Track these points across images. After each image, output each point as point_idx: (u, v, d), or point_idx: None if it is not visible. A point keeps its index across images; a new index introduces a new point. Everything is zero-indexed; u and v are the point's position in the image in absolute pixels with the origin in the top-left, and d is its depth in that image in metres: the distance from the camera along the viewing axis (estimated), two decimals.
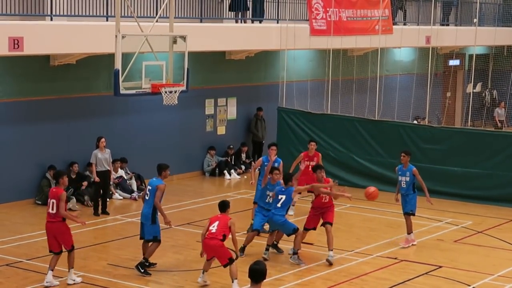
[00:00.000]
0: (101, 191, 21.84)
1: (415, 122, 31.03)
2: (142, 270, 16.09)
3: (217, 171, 27.32)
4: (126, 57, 17.72)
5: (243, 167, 28.16)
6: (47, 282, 15.27)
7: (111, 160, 22.22)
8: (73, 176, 22.92)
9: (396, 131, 25.50)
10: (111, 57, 17.79)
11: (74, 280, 15.54)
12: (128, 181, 23.98)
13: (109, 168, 22.06)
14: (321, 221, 17.55)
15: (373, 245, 18.90)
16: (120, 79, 17.45)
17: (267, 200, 17.77)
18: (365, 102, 29.62)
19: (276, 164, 18.99)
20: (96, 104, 23.74)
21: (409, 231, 18.86)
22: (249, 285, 9.34)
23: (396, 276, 16.72)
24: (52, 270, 15.30)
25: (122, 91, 17.69)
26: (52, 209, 15.13)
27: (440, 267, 17.37)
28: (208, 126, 27.88)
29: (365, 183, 24.75)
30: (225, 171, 27.31)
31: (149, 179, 24.28)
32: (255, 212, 18.31)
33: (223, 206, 15.61)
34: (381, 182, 24.24)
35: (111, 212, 21.90)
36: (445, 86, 38.91)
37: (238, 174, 27.62)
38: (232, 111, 28.63)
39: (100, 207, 21.77)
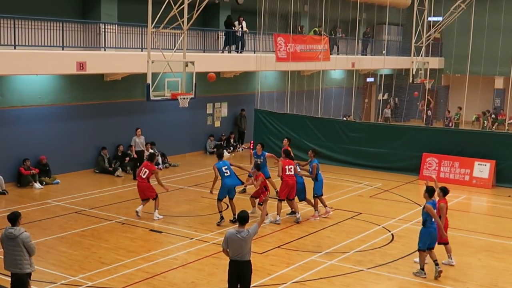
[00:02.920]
0: (138, 163, 21.74)
1: (344, 118, 31.12)
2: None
3: (214, 151, 27.21)
4: (154, 75, 17.68)
5: (231, 148, 28.12)
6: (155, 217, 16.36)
7: (144, 143, 22.12)
8: (119, 154, 22.83)
9: (332, 124, 25.53)
10: (144, 75, 17.73)
11: (158, 217, 16.22)
12: (156, 157, 23.88)
13: (143, 149, 21.96)
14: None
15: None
16: (151, 90, 17.43)
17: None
18: (311, 106, 29.66)
19: (262, 157, 18.61)
20: (134, 106, 23.62)
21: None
22: (237, 226, 9.92)
23: (332, 219, 16.82)
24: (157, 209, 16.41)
25: (152, 98, 17.66)
26: (144, 175, 16.21)
27: (360, 213, 17.50)
28: (208, 121, 27.78)
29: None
30: (224, 151, 27.18)
31: (170, 156, 24.52)
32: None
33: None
34: (321, 157, 24.21)
35: None
36: (364, 95, 39.06)
37: (228, 152, 27.55)
38: (224, 111, 28.53)
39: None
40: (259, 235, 15.10)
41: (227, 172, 16.10)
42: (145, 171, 16.29)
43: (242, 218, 10.00)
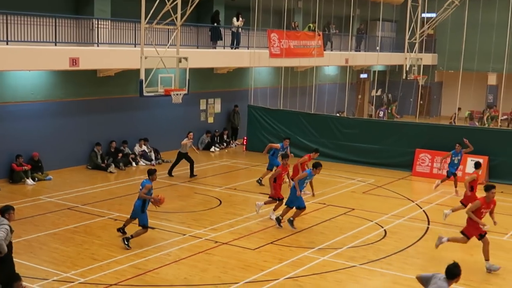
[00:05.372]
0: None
1: (337, 114, 31.10)
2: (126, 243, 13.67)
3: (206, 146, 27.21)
4: (147, 71, 17.64)
5: (224, 144, 28.05)
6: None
7: (191, 146, 21.59)
8: (112, 150, 22.73)
9: (325, 120, 25.53)
10: (137, 71, 17.69)
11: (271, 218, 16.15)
12: (149, 153, 23.82)
13: (186, 151, 21.40)
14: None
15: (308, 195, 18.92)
16: (144, 86, 17.40)
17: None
18: (305, 102, 29.64)
19: (285, 149, 19.84)
20: (128, 102, 23.52)
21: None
22: (445, 279, 8.59)
23: (325, 215, 16.82)
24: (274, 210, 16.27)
25: (145, 94, 17.66)
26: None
27: (353, 209, 17.50)
28: (202, 117, 27.73)
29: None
30: (212, 147, 27.18)
31: (163, 152, 24.44)
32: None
33: None
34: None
35: (137, 174, 21.72)
36: (357, 91, 39.06)
37: (221, 149, 27.49)
38: (217, 107, 28.47)
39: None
40: (252, 231, 15.12)
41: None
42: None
43: (450, 272, 8.56)
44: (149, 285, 11.64)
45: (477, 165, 17.04)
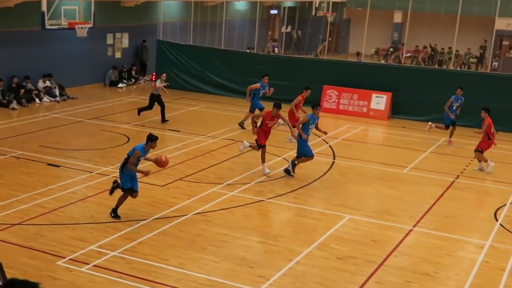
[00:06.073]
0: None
1: (248, 51, 31.00)
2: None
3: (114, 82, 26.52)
4: (50, 3, 16.85)
5: (133, 80, 27.43)
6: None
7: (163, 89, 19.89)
8: (14, 86, 21.75)
9: (235, 56, 25.42)
10: (39, 2, 16.86)
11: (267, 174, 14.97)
12: (53, 89, 22.96)
13: (159, 93, 19.70)
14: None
15: (219, 131, 18.96)
16: (46, 18, 16.71)
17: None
18: (215, 37, 29.32)
19: (265, 88, 19.51)
20: (30, 35, 22.36)
21: None
22: None
23: (234, 151, 16.78)
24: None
25: (48, 27, 17.03)
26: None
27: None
28: (109, 52, 26.88)
29: (214, 90, 24.88)
30: (120, 83, 26.50)
31: (68, 88, 23.65)
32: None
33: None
34: (223, 89, 24.33)
35: (40, 111, 20.96)
36: (267, 27, 38.99)
37: (129, 85, 26.84)
38: (125, 42, 27.63)
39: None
40: (160, 169, 15.01)
41: None
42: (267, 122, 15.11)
43: None
44: (55, 223, 11.40)
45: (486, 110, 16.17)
